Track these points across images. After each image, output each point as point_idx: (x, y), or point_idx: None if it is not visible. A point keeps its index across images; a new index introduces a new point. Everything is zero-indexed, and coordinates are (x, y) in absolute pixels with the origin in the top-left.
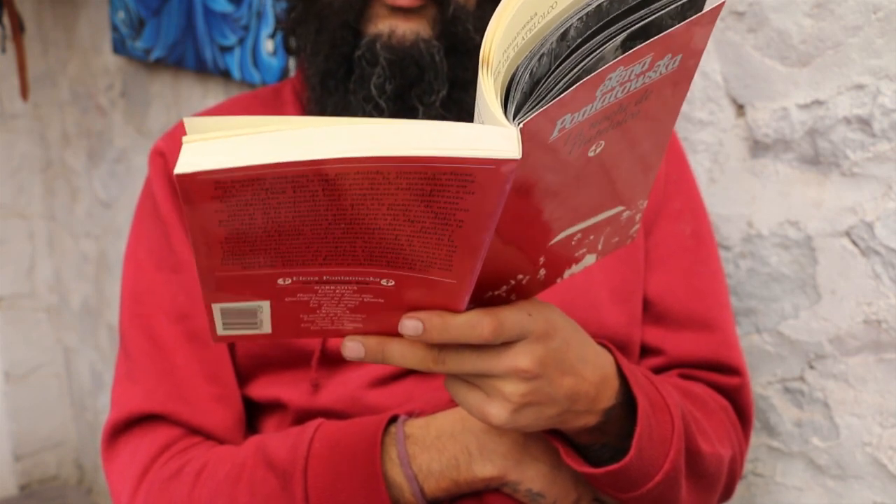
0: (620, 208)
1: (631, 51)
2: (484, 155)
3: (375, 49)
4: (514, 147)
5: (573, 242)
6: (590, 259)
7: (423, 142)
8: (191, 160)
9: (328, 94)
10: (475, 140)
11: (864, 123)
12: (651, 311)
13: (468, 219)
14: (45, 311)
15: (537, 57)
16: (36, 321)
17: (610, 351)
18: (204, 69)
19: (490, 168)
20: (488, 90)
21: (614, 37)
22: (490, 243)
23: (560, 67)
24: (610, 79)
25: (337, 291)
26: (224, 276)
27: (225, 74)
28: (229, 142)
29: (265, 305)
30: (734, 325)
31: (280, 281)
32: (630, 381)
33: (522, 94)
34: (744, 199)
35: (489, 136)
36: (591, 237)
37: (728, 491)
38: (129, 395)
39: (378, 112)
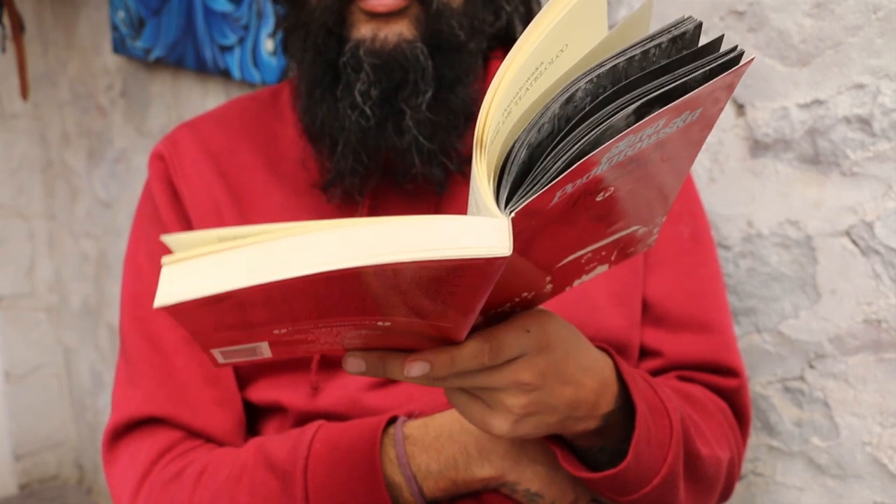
0: (635, 228)
1: (643, 120)
2: (472, 254)
3: (359, 55)
4: (505, 242)
5: (583, 261)
6: (601, 269)
7: (410, 245)
8: (170, 289)
9: (316, 104)
10: (464, 237)
11: (864, 123)
12: (650, 313)
13: (459, 291)
14: (45, 311)
15: (536, 128)
16: (36, 321)
17: (609, 355)
18: (204, 69)
19: (480, 264)
20: (481, 174)
21: (628, 105)
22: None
23: (564, 142)
24: (618, 146)
25: (334, 330)
26: (218, 336)
27: (225, 74)
28: (208, 262)
29: (264, 344)
30: (732, 326)
31: (276, 331)
32: (629, 385)
33: (521, 166)
34: (744, 198)
35: (478, 231)
36: (603, 253)
37: (726, 493)
38: (129, 398)
39: (364, 119)
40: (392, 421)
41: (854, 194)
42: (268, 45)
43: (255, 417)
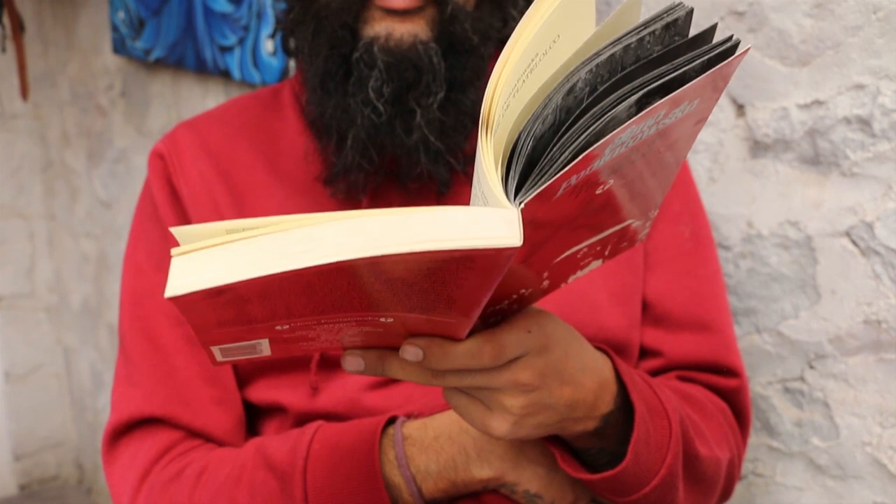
0: (630, 221)
1: (645, 111)
2: (484, 244)
3: (373, 52)
4: (515, 233)
5: (578, 256)
6: (595, 264)
7: (421, 235)
8: (180, 280)
9: (328, 96)
10: (474, 227)
11: (864, 123)
12: (650, 313)
13: (467, 285)
14: (45, 311)
15: (540, 120)
16: (36, 321)
17: (608, 355)
18: (204, 69)
19: (490, 254)
20: (487, 159)
21: (629, 96)
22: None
23: (568, 133)
24: (620, 137)
25: (335, 327)
26: (220, 331)
27: (225, 74)
28: (217, 253)
29: (264, 341)
30: (733, 326)
31: (278, 327)
32: (628, 386)
33: (527, 159)
34: (744, 199)
35: (489, 221)
36: (598, 248)
37: (726, 493)
38: (128, 398)
39: (376, 115)
40: (391, 421)
41: (854, 195)
42: (268, 45)
43: (254, 418)
